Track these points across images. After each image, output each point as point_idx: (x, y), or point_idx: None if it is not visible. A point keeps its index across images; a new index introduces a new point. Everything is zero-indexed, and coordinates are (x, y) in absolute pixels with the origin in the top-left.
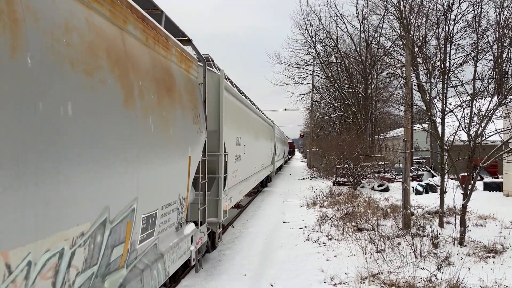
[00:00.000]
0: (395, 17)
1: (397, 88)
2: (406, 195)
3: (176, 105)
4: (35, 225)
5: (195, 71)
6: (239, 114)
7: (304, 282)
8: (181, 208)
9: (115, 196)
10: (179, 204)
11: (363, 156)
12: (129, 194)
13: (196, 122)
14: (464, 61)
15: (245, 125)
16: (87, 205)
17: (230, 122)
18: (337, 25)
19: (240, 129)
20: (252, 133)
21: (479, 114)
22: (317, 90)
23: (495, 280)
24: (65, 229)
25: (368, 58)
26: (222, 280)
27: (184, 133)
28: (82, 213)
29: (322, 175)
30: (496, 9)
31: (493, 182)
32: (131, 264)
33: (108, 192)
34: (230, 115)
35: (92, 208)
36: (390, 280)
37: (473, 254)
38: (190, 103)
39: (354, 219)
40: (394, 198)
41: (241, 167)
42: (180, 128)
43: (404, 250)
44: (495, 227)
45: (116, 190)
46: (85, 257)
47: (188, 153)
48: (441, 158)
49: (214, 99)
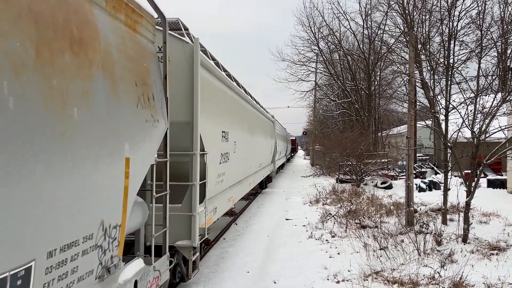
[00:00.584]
0: (398, 13)
1: (401, 85)
2: (409, 192)
3: (95, 73)
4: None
5: (151, 33)
6: (227, 103)
7: (307, 279)
8: (110, 242)
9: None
10: (104, 237)
11: (366, 153)
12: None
13: (146, 106)
14: (468, 57)
15: (237, 117)
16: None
17: (213, 112)
18: (340, 22)
19: (228, 121)
20: (246, 127)
21: (483, 111)
22: (320, 88)
23: (498, 278)
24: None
25: (371, 55)
26: (225, 277)
27: (115, 120)
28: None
29: (325, 172)
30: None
31: (496, 179)
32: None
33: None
34: (212, 102)
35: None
36: (393, 278)
37: (476, 251)
38: (133, 75)
39: (357, 217)
40: (397, 195)
41: (231, 169)
42: (103, 110)
43: (407, 247)
44: (499, 225)
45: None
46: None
47: (125, 153)
48: (445, 155)
49: (185, 79)
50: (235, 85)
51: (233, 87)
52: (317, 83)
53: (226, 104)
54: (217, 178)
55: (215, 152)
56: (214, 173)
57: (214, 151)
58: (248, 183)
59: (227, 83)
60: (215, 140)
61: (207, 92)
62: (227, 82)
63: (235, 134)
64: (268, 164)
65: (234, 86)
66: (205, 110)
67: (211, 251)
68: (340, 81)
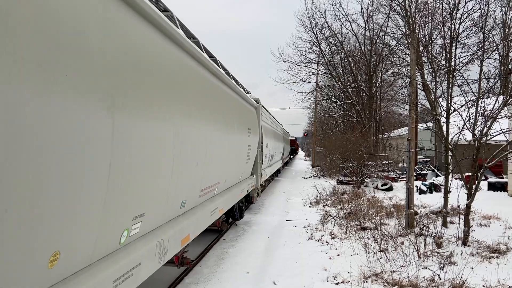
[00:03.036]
0: (400, 15)
1: (402, 87)
2: (409, 194)
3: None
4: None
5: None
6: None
7: (306, 280)
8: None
9: None
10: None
11: (367, 155)
12: None
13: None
14: (469, 60)
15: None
16: None
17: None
18: (341, 23)
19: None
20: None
21: (484, 114)
22: (321, 89)
23: (498, 280)
24: None
25: (373, 56)
26: (225, 278)
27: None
28: None
29: (325, 173)
30: (503, 8)
31: (497, 182)
32: None
33: None
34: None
35: None
36: (393, 279)
37: (476, 254)
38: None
39: (358, 218)
40: (397, 197)
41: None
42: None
43: (407, 249)
44: (499, 227)
45: None
46: None
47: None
48: (446, 158)
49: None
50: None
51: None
52: (318, 84)
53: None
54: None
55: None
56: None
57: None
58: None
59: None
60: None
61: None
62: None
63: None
64: (240, 180)
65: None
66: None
67: (211, 251)
68: (341, 83)
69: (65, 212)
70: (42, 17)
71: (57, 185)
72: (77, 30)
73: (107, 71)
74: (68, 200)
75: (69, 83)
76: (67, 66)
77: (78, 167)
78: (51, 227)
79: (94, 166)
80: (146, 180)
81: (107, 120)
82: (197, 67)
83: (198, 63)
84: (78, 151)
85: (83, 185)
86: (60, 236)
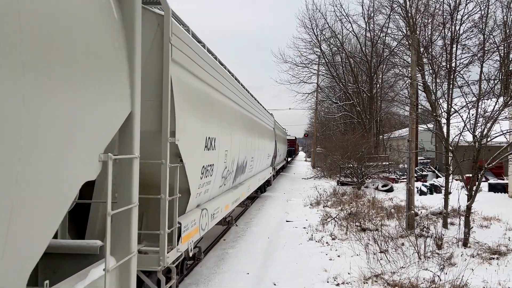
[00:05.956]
0: (401, 16)
1: (402, 88)
2: (410, 195)
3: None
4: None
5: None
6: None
7: (307, 281)
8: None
9: None
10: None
11: (368, 156)
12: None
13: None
14: (470, 61)
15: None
16: None
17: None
18: (342, 24)
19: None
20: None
21: (484, 115)
22: (321, 90)
23: (499, 282)
24: None
25: (374, 57)
26: (225, 279)
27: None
28: None
29: (326, 174)
30: (503, 9)
31: (498, 184)
32: None
33: None
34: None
35: None
36: (393, 281)
37: (477, 255)
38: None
39: (358, 219)
40: (398, 198)
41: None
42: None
43: (408, 250)
44: (500, 229)
45: None
46: None
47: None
48: (446, 159)
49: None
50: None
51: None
52: (319, 85)
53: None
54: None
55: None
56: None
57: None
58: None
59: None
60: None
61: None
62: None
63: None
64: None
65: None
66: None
67: (211, 252)
68: (342, 84)
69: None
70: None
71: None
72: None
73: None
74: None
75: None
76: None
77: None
78: None
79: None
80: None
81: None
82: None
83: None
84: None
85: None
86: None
